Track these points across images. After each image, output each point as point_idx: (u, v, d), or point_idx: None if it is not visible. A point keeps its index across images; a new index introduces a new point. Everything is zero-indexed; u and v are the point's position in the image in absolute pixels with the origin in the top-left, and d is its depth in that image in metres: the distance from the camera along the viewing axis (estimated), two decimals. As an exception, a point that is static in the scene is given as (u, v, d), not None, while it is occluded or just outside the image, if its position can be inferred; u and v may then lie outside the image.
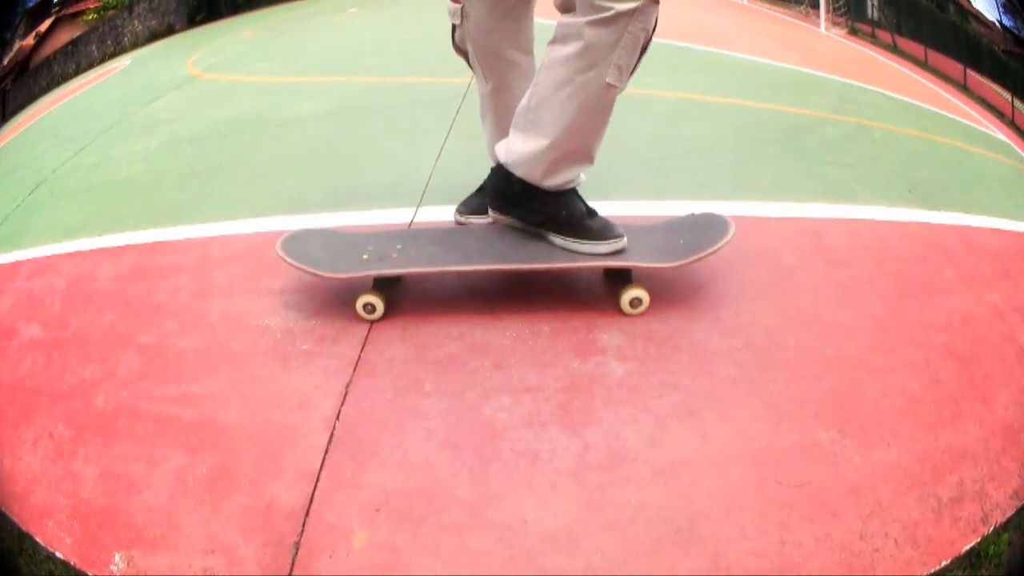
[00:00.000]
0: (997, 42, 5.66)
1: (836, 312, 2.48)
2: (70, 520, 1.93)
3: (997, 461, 1.96)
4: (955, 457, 1.96)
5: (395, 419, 2.10)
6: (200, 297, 2.72)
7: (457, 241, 2.63)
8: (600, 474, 1.91)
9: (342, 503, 1.88)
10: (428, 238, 2.65)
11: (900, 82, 5.92)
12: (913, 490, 1.86)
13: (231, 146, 4.60)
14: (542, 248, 2.52)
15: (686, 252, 2.45)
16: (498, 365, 2.27)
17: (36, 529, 1.92)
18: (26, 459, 2.13)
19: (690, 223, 2.62)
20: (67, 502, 1.98)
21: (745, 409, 2.09)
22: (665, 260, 2.44)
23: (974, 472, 1.92)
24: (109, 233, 3.42)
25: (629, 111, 2.65)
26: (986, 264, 2.86)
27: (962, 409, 2.12)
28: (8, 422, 2.29)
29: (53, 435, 2.20)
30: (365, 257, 2.51)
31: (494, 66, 2.76)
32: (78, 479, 2.04)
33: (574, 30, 2.30)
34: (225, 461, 2.02)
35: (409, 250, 2.55)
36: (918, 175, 3.88)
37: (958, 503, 1.84)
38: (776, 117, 4.84)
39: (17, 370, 2.52)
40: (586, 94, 2.35)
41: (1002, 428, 2.06)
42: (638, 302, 2.43)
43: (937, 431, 2.03)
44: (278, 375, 2.30)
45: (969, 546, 1.77)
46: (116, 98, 6.20)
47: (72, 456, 2.12)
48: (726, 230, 2.48)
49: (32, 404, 2.34)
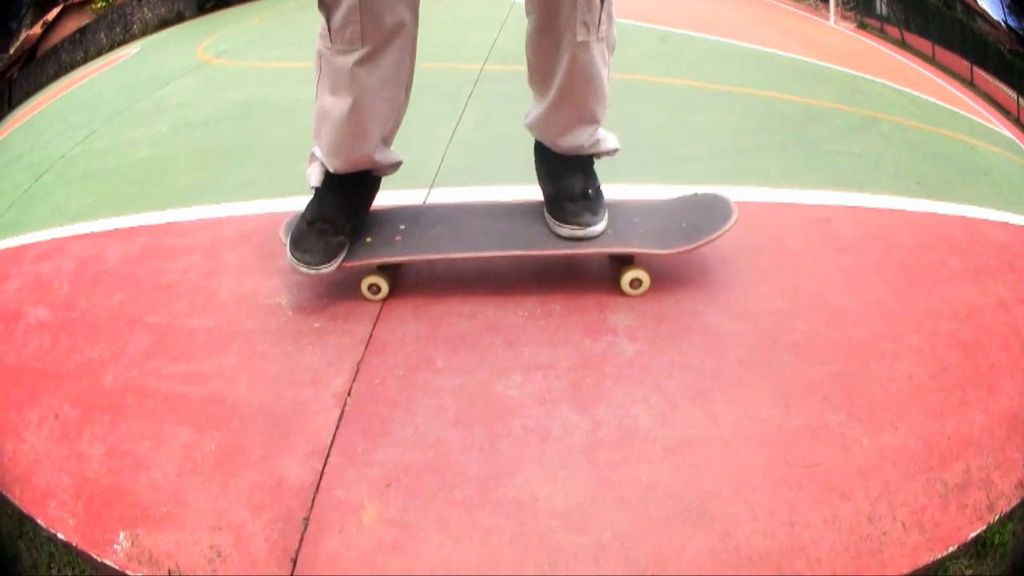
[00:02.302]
0: (1003, 41, 5.67)
1: (843, 298, 2.48)
2: (74, 500, 1.94)
3: (1002, 450, 1.97)
4: (961, 444, 1.97)
5: (406, 396, 2.10)
6: (211, 277, 2.72)
7: (460, 223, 2.61)
8: (611, 452, 1.92)
9: (352, 479, 1.89)
10: (431, 219, 2.63)
11: (908, 76, 5.93)
12: (920, 475, 1.87)
13: (242, 130, 4.60)
14: (544, 233, 2.51)
15: (689, 237, 2.44)
16: (510, 343, 2.27)
17: (37, 511, 1.93)
18: (30, 440, 2.14)
19: (693, 203, 2.61)
20: (71, 482, 1.99)
21: (754, 391, 2.09)
22: (667, 246, 2.42)
23: (980, 460, 1.93)
24: (119, 215, 3.42)
25: (639, 98, 2.66)
26: (991, 256, 2.86)
27: (968, 397, 2.12)
28: (12, 404, 2.29)
29: (58, 415, 2.20)
30: (368, 240, 2.50)
31: (378, 23, 2.22)
32: (83, 458, 2.05)
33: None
34: (234, 438, 2.03)
35: (412, 233, 2.54)
36: (925, 167, 3.90)
37: (964, 490, 1.85)
38: (784, 106, 4.84)
39: (23, 352, 2.52)
40: (567, 56, 2.32)
41: (1007, 417, 2.07)
42: (638, 283, 2.44)
43: (944, 417, 2.04)
44: (289, 352, 2.30)
45: (975, 533, 1.78)
46: (125, 84, 6.20)
47: (78, 436, 2.12)
48: (729, 214, 2.47)
49: (37, 385, 2.35)
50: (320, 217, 2.43)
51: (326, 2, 2.20)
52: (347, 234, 2.46)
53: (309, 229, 2.43)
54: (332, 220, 2.42)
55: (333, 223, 2.42)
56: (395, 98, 2.39)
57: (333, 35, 2.22)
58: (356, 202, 2.52)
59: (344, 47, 2.23)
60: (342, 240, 2.44)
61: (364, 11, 2.17)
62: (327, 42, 2.25)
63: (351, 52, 2.23)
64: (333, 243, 2.42)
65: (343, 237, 2.44)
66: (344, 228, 2.44)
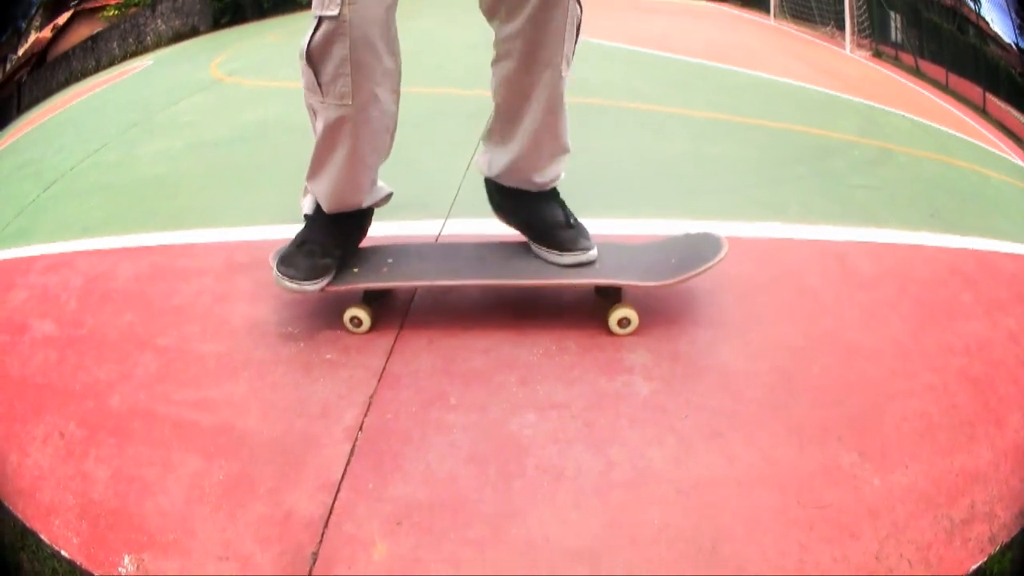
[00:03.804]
0: (1014, 65, 5.67)
1: (859, 335, 2.48)
2: (78, 520, 1.93)
3: (1006, 482, 1.97)
4: (968, 480, 1.97)
5: (419, 432, 2.09)
6: (223, 301, 2.72)
7: (447, 256, 2.65)
8: (624, 493, 1.90)
9: (363, 514, 1.87)
10: (419, 254, 2.67)
11: (923, 106, 5.93)
12: (928, 512, 1.87)
13: (256, 151, 4.60)
14: (532, 263, 2.52)
15: (676, 271, 2.43)
16: (524, 381, 2.26)
17: (41, 526, 1.92)
18: (34, 455, 2.13)
19: (684, 242, 2.60)
20: (76, 502, 1.97)
21: (770, 431, 2.08)
22: (654, 279, 2.42)
23: (985, 494, 1.93)
24: (129, 232, 3.42)
25: (656, 130, 2.65)
26: (1003, 288, 2.88)
27: (977, 432, 2.12)
28: (16, 417, 2.29)
29: (64, 433, 2.19)
30: (356, 271, 2.51)
31: (368, 74, 2.24)
32: (89, 479, 2.04)
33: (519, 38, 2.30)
34: (244, 468, 2.02)
35: (399, 264, 2.56)
36: (940, 199, 3.90)
37: (968, 524, 1.85)
38: (803, 138, 4.84)
39: (28, 365, 2.52)
40: (547, 92, 2.35)
41: (1013, 449, 2.08)
42: (627, 322, 2.42)
43: (952, 455, 2.04)
44: (301, 383, 2.29)
45: (976, 566, 1.78)
46: (138, 97, 6.21)
47: (83, 456, 2.11)
48: (719, 249, 2.46)
49: (43, 401, 2.34)
50: (309, 239, 2.47)
51: (314, 57, 2.20)
52: (335, 258, 2.47)
53: (297, 249, 2.47)
54: (320, 243, 2.45)
55: (321, 245, 2.45)
56: (383, 144, 2.44)
57: (324, 89, 2.24)
58: (347, 230, 2.55)
59: (335, 101, 2.24)
60: (329, 263, 2.45)
61: (354, 64, 2.19)
62: (318, 96, 2.26)
63: (342, 107, 2.25)
64: (319, 264, 2.44)
65: (330, 260, 2.45)
66: (332, 252, 2.46)
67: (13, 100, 6.35)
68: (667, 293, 2.47)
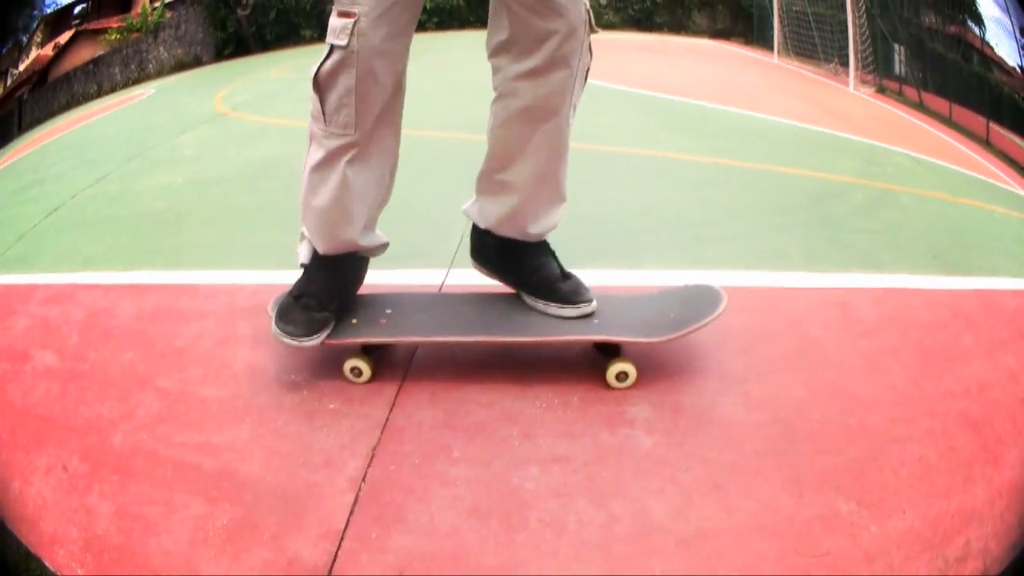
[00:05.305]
0: (1018, 89, 5.72)
1: (860, 384, 2.49)
2: (83, 552, 1.92)
3: (1001, 517, 1.99)
4: (964, 520, 1.98)
5: (422, 484, 2.09)
6: (225, 345, 2.72)
7: (447, 309, 2.64)
8: (625, 546, 1.90)
9: (366, 564, 1.86)
10: (416, 305, 2.66)
11: (927, 143, 5.98)
12: (924, 554, 1.88)
13: (259, 191, 4.64)
14: (532, 320, 2.52)
15: (676, 326, 2.43)
16: (527, 435, 2.26)
17: (46, 554, 1.92)
18: (37, 485, 2.13)
19: (681, 294, 2.61)
20: (80, 535, 1.97)
21: (769, 481, 2.08)
22: (652, 335, 2.42)
23: (979, 531, 1.94)
24: (131, 269, 3.44)
25: (659, 176, 2.66)
26: (1004, 327, 2.92)
27: (974, 473, 2.13)
28: (19, 445, 2.30)
29: (67, 467, 2.19)
30: (354, 322, 2.51)
31: (371, 107, 2.27)
32: (92, 514, 2.03)
33: (527, 79, 2.30)
34: (247, 514, 2.01)
35: (397, 317, 2.56)
36: (942, 239, 3.96)
37: (962, 562, 1.86)
38: (804, 183, 4.89)
39: (30, 395, 2.53)
40: (552, 140, 2.36)
41: (1008, 486, 2.09)
42: (624, 376, 2.42)
43: (949, 496, 2.05)
44: (303, 432, 2.29)
45: (968, 600, 1.80)
46: (141, 127, 6.23)
47: (87, 491, 2.11)
48: (718, 302, 2.47)
49: (45, 432, 2.35)
50: (305, 292, 2.47)
51: (320, 84, 2.23)
52: (332, 311, 2.47)
53: (294, 303, 2.47)
54: (317, 296, 2.45)
55: (318, 299, 2.45)
56: (380, 180, 2.44)
57: (328, 118, 2.27)
58: (343, 282, 2.55)
59: (337, 130, 2.27)
60: (326, 316, 2.45)
61: (359, 95, 2.22)
62: (320, 123, 2.29)
63: (343, 136, 2.28)
64: (317, 318, 2.44)
65: (327, 313, 2.46)
66: (328, 305, 2.46)
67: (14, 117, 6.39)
68: (667, 346, 2.47)
